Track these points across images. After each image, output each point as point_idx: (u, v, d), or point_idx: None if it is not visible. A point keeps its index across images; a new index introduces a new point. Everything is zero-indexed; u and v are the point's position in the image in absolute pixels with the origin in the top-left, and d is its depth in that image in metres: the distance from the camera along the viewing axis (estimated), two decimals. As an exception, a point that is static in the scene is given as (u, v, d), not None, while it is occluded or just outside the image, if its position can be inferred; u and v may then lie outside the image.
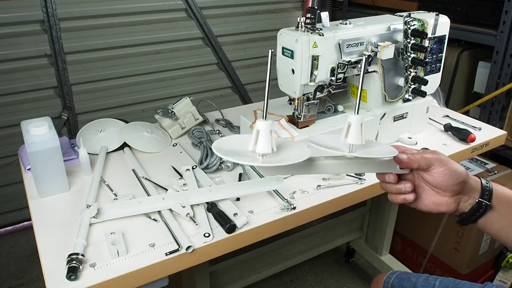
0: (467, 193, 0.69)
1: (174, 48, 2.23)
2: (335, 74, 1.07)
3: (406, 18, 1.10)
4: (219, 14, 2.31)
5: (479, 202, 0.68)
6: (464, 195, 0.69)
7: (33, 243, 0.88)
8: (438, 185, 0.68)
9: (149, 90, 2.24)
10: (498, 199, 0.69)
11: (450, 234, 1.65)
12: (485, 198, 0.69)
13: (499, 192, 0.70)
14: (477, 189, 0.69)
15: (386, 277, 1.05)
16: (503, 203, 0.69)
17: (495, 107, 1.83)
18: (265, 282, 1.75)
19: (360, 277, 1.88)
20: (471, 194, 0.69)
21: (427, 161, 0.68)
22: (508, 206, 0.69)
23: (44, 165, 0.95)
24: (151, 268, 0.80)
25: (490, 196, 0.69)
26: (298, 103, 1.10)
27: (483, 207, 0.68)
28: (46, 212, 0.94)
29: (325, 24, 1.04)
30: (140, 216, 0.92)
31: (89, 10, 1.95)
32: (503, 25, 1.71)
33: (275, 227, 0.94)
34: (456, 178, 0.67)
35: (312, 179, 1.08)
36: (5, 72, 1.85)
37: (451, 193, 0.68)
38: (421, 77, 1.16)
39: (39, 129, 0.93)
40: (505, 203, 0.69)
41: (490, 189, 0.69)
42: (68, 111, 2.04)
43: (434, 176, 0.68)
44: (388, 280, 1.03)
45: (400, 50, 1.14)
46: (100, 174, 1.07)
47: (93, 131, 1.22)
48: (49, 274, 0.77)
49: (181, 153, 1.20)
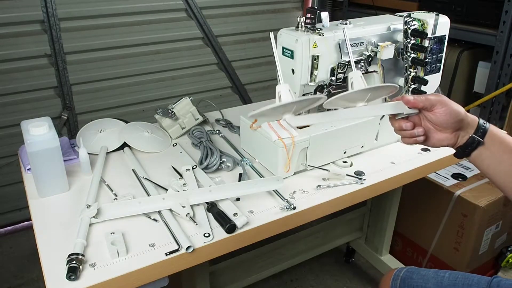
0: (464, 129, 0.79)
1: (174, 48, 2.23)
2: (335, 74, 1.07)
3: (406, 18, 1.10)
4: (219, 14, 2.31)
5: (472, 137, 0.77)
6: (462, 131, 0.79)
7: (33, 243, 0.88)
8: (440, 123, 0.78)
9: (149, 90, 2.24)
10: (491, 138, 0.77)
11: (450, 234, 1.65)
12: (478, 135, 0.77)
13: (494, 132, 0.78)
14: (473, 126, 0.78)
15: (396, 271, 1.06)
16: (495, 142, 0.77)
17: (495, 107, 1.83)
18: (265, 282, 1.75)
19: (360, 277, 1.88)
20: (468, 130, 0.78)
21: (430, 101, 0.78)
22: (500, 145, 0.77)
23: (44, 165, 0.95)
24: (151, 268, 0.81)
25: (484, 133, 0.77)
26: (298, 103, 1.10)
27: (475, 142, 0.77)
28: (46, 212, 0.94)
29: (325, 24, 1.04)
30: (140, 216, 0.92)
31: (89, 10, 1.95)
32: (503, 25, 1.71)
33: (275, 227, 0.94)
34: (455, 116, 0.77)
35: (312, 179, 1.08)
36: (5, 72, 1.85)
37: (451, 130, 0.79)
38: (421, 77, 1.16)
39: (39, 129, 0.93)
40: (497, 142, 0.77)
41: (485, 127, 0.78)
42: (68, 111, 2.04)
43: (436, 116, 0.78)
44: (398, 274, 1.05)
45: (400, 50, 1.14)
46: (100, 174, 1.07)
47: (93, 131, 1.22)
48: (49, 274, 0.77)
49: (181, 153, 1.20)
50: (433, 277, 0.99)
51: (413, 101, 0.78)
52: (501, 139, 0.77)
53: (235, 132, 1.33)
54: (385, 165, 1.15)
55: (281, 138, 1.05)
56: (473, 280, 0.95)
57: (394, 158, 1.19)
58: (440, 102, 0.78)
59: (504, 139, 0.77)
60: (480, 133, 0.77)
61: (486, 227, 1.61)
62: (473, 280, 0.94)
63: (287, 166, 1.07)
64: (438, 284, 0.97)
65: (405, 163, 1.17)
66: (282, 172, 1.07)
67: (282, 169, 1.07)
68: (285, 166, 1.07)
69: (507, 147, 0.77)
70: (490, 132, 0.77)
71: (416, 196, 1.72)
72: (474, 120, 0.79)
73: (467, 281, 0.94)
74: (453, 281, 0.96)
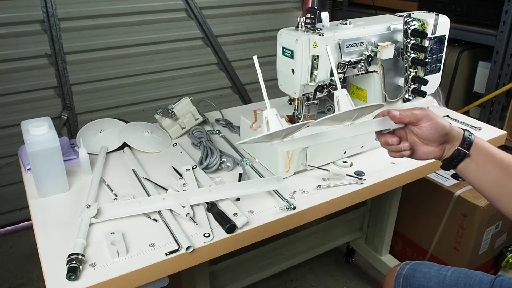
0: (450, 142, 0.80)
1: (174, 48, 2.23)
2: (335, 74, 1.06)
3: (406, 18, 1.10)
4: (219, 14, 2.31)
5: (457, 149, 0.79)
6: (448, 143, 0.80)
7: (33, 243, 0.88)
8: (426, 136, 0.79)
9: (149, 90, 2.24)
10: (477, 149, 0.79)
11: (450, 234, 1.65)
12: (464, 147, 0.79)
13: (479, 143, 0.79)
14: (459, 139, 0.79)
15: (399, 268, 1.06)
16: (480, 153, 0.79)
17: (495, 107, 1.83)
18: (265, 282, 1.75)
19: (360, 277, 1.88)
20: (454, 143, 0.80)
21: (416, 116, 0.79)
22: (485, 156, 0.78)
23: (44, 165, 0.95)
24: (151, 268, 0.81)
25: (469, 145, 0.79)
26: (298, 103, 1.10)
27: (461, 154, 0.79)
28: (46, 212, 0.94)
29: (325, 24, 1.04)
30: (140, 216, 0.92)
31: (89, 10, 1.95)
32: (503, 25, 1.71)
33: (275, 227, 0.94)
34: (441, 130, 0.78)
35: (312, 179, 1.08)
36: (5, 72, 1.85)
37: (437, 143, 0.80)
38: (421, 77, 1.16)
39: (39, 129, 0.93)
40: (482, 154, 0.79)
41: (470, 139, 0.79)
42: (68, 111, 2.04)
43: (422, 130, 0.79)
44: (401, 271, 1.04)
45: (400, 50, 1.14)
46: (100, 174, 1.07)
47: (93, 131, 1.22)
48: (49, 274, 0.77)
49: (181, 153, 1.20)
50: (435, 275, 0.99)
51: (399, 116, 0.79)
52: (486, 150, 0.79)
53: (235, 132, 1.33)
54: (385, 165, 1.15)
55: (281, 138, 1.05)
56: (476, 279, 0.94)
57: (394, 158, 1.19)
58: (425, 116, 0.79)
59: (489, 150, 0.79)
60: (466, 145, 0.79)
61: (486, 227, 1.61)
62: (475, 280, 0.94)
63: (287, 166, 1.07)
64: (440, 283, 0.96)
65: (405, 163, 1.17)
66: (282, 172, 1.07)
67: (282, 169, 1.07)
68: (285, 166, 1.07)
69: (492, 158, 0.78)
70: (475, 144, 0.79)
71: (416, 196, 1.72)
72: (459, 132, 0.80)
73: (470, 280, 0.94)
74: (455, 281, 0.95)
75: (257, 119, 1.16)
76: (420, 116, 0.79)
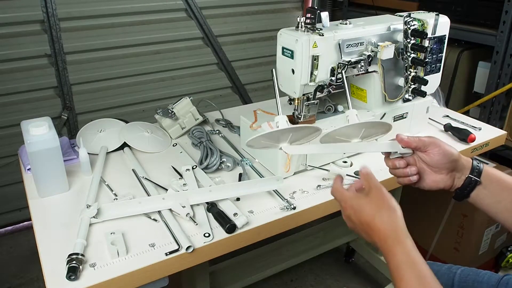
0: (460, 171, 0.80)
1: (174, 48, 2.23)
2: (335, 74, 1.07)
3: (406, 18, 1.10)
4: (219, 14, 2.31)
5: (469, 177, 0.79)
6: (457, 172, 0.80)
7: (33, 243, 0.88)
8: (434, 163, 0.79)
9: (149, 90, 2.24)
10: (488, 177, 0.79)
11: (450, 234, 1.65)
12: (474, 175, 0.79)
13: (490, 172, 0.79)
14: (468, 167, 0.80)
15: None
16: (492, 181, 0.79)
17: (495, 107, 1.83)
18: (265, 282, 1.75)
19: (360, 277, 1.88)
20: (463, 171, 0.80)
21: (423, 142, 0.79)
22: (497, 183, 0.78)
23: (44, 165, 0.95)
24: (151, 268, 0.80)
25: (479, 173, 0.79)
26: (298, 103, 1.10)
27: (473, 182, 0.79)
28: (46, 212, 0.94)
29: (325, 24, 1.04)
30: (140, 216, 0.92)
31: (89, 10, 1.95)
32: (503, 25, 1.71)
33: (275, 227, 0.94)
34: (449, 157, 0.78)
35: (312, 179, 1.08)
36: (5, 72, 1.85)
37: (446, 171, 0.79)
38: (421, 77, 1.16)
39: (39, 129, 0.93)
40: (495, 181, 0.79)
41: (480, 168, 0.79)
42: (68, 111, 2.04)
43: (430, 156, 0.79)
44: None
45: (400, 50, 1.14)
46: (100, 174, 1.07)
47: (93, 131, 1.22)
48: (49, 274, 0.77)
49: (181, 153, 1.20)
50: (445, 273, 1.00)
51: (406, 140, 0.80)
52: (498, 178, 0.79)
53: (235, 132, 1.33)
54: (385, 165, 1.15)
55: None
56: (484, 277, 0.95)
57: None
58: (433, 143, 0.79)
59: (501, 177, 0.79)
60: (476, 173, 0.79)
61: (486, 227, 1.61)
62: (484, 278, 0.95)
63: (287, 166, 1.07)
64: (450, 280, 0.97)
65: (405, 163, 1.16)
66: (282, 172, 1.07)
67: (282, 169, 1.07)
68: (285, 166, 1.07)
69: (504, 185, 0.78)
70: (485, 172, 0.79)
71: (416, 196, 1.72)
72: (468, 161, 0.80)
73: (478, 278, 0.95)
74: (464, 278, 0.96)
75: (257, 119, 1.16)
76: (427, 143, 0.79)
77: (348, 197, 0.74)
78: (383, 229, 0.67)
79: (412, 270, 0.62)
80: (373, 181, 0.73)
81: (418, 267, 0.62)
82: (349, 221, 0.74)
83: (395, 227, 0.66)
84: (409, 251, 0.64)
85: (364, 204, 0.70)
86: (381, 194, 0.70)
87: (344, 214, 0.75)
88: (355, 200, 0.72)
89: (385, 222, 0.67)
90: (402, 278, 0.61)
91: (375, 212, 0.69)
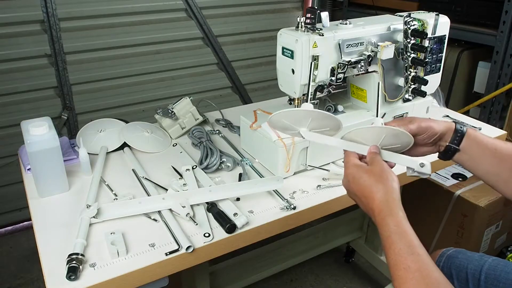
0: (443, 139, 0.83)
1: (174, 48, 2.23)
2: (335, 74, 1.07)
3: (406, 18, 1.10)
4: (219, 14, 2.31)
5: (448, 146, 0.82)
6: (441, 141, 0.83)
7: (33, 243, 0.88)
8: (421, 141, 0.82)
9: (149, 90, 2.24)
10: (468, 142, 0.81)
11: (450, 234, 1.65)
12: (455, 142, 0.81)
13: (471, 136, 0.81)
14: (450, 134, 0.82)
15: (445, 249, 1.09)
16: (472, 146, 0.81)
17: (495, 107, 1.83)
18: (265, 282, 1.75)
19: (360, 277, 1.88)
20: (446, 139, 0.83)
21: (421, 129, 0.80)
22: (477, 147, 0.81)
23: (44, 165, 0.95)
24: (151, 268, 0.81)
25: (461, 138, 0.81)
26: (298, 103, 1.10)
27: (452, 149, 0.82)
28: (46, 212, 0.94)
29: (325, 24, 1.04)
30: (140, 216, 0.92)
31: (89, 10, 1.95)
32: (503, 25, 1.71)
33: (275, 227, 0.94)
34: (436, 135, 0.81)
35: (312, 179, 1.08)
36: (5, 72, 1.85)
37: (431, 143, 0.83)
38: (421, 77, 1.16)
39: (39, 129, 0.93)
40: (474, 145, 0.81)
41: (462, 131, 0.81)
42: (68, 111, 2.04)
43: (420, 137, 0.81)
44: (446, 252, 1.08)
45: (400, 50, 1.14)
46: (100, 174, 1.07)
47: (93, 131, 1.22)
48: (49, 274, 0.77)
49: (181, 153, 1.20)
50: (476, 259, 1.01)
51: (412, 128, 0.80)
52: (478, 142, 0.81)
53: (235, 132, 1.33)
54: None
55: (281, 138, 1.05)
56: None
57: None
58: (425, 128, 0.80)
59: (481, 142, 0.81)
60: (457, 139, 0.81)
61: (486, 227, 1.61)
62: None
63: (287, 166, 1.07)
64: (479, 266, 0.99)
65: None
66: (282, 172, 1.07)
67: (282, 169, 1.07)
68: (285, 166, 1.07)
69: (484, 149, 0.81)
70: (467, 136, 0.81)
71: (416, 196, 1.72)
72: (450, 127, 0.82)
73: (507, 268, 0.96)
74: (493, 266, 0.97)
75: (257, 119, 1.16)
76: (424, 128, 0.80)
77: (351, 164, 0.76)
78: (377, 200, 0.69)
79: (402, 239, 0.63)
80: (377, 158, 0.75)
81: (408, 237, 0.64)
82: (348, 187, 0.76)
83: (389, 199, 0.69)
84: (399, 221, 0.66)
85: (363, 173, 0.73)
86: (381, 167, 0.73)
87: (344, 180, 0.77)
88: (355, 168, 0.75)
89: (380, 193, 0.69)
90: (391, 246, 0.64)
91: (373, 183, 0.71)
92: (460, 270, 1.02)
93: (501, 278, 0.94)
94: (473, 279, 0.98)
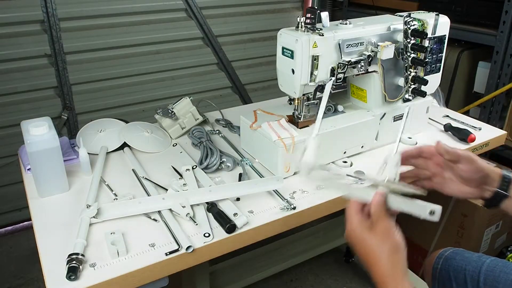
0: (489, 184, 0.79)
1: (174, 48, 2.23)
2: (335, 74, 1.07)
3: (406, 18, 1.10)
4: (219, 14, 2.31)
5: (496, 192, 0.79)
6: (486, 185, 0.80)
7: (33, 243, 0.88)
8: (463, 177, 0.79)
9: (149, 90, 2.24)
10: None
11: (450, 234, 1.65)
12: (503, 188, 0.78)
13: None
14: (497, 179, 0.79)
15: (442, 250, 1.08)
16: None
17: (495, 107, 1.83)
18: (265, 282, 1.75)
19: (360, 277, 1.87)
20: (493, 184, 0.79)
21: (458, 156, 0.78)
22: None
23: (44, 165, 0.95)
24: (151, 268, 0.80)
25: (508, 184, 0.78)
26: (298, 103, 1.10)
27: (500, 195, 0.79)
28: (46, 212, 0.94)
29: (325, 24, 1.04)
30: (140, 216, 0.92)
31: (89, 10, 1.95)
32: (503, 25, 1.71)
33: (275, 227, 0.94)
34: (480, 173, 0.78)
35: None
36: (5, 72, 1.85)
37: (475, 184, 0.79)
38: (421, 77, 1.16)
39: (39, 129, 0.93)
40: None
41: (510, 179, 0.79)
42: (68, 111, 2.04)
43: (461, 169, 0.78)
44: (444, 253, 1.07)
45: (400, 50, 1.14)
46: (100, 174, 1.07)
47: (93, 131, 1.22)
48: (49, 274, 0.77)
49: (181, 153, 1.20)
50: (475, 260, 1.01)
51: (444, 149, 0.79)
52: None
53: (235, 132, 1.33)
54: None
55: (281, 138, 1.05)
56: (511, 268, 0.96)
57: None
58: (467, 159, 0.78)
59: None
60: (505, 185, 0.79)
61: (486, 227, 1.61)
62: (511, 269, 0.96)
63: (287, 166, 1.07)
64: (478, 267, 0.99)
65: (405, 163, 1.16)
66: (282, 172, 1.07)
67: (282, 169, 1.07)
68: (285, 166, 1.07)
69: None
70: None
71: (416, 196, 1.72)
72: (497, 173, 0.79)
73: (506, 269, 0.96)
74: (492, 267, 0.97)
75: (257, 119, 1.16)
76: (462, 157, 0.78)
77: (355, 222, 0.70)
78: (382, 267, 0.65)
79: None
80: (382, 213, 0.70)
81: None
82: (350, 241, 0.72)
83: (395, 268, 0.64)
84: None
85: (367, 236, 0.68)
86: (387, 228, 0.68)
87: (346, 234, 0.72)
88: (359, 228, 0.69)
89: (385, 260, 0.65)
90: None
91: (377, 248, 0.66)
92: (458, 272, 1.01)
93: (500, 279, 0.94)
94: (471, 281, 0.98)
